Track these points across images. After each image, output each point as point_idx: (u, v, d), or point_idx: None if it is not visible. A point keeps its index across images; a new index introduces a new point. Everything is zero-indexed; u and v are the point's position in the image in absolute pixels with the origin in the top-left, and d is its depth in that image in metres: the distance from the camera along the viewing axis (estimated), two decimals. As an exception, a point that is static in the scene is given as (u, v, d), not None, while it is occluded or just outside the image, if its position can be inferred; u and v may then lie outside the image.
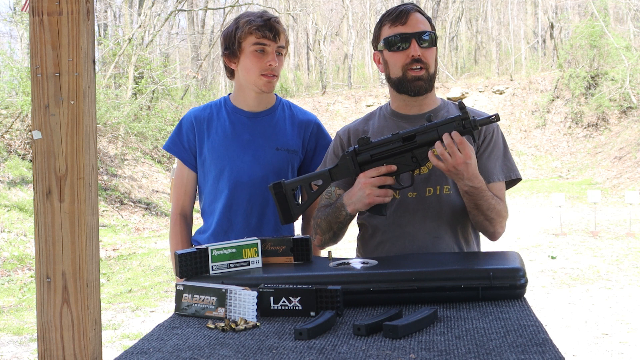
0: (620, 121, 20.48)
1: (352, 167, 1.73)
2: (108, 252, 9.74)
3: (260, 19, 2.01)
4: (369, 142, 1.71)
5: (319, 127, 2.19)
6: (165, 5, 22.77)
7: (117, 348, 4.94)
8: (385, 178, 1.69)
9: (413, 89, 1.84)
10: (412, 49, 1.81)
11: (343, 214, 1.79)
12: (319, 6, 32.01)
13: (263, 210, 2.07)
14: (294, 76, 31.12)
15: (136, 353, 1.21)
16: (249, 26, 2.00)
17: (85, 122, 1.42)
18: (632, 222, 10.16)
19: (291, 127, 2.14)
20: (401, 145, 1.68)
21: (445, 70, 27.09)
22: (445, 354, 1.11)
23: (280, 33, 2.02)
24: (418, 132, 1.66)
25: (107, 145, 16.38)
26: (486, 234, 1.89)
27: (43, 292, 1.41)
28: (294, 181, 1.79)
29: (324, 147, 2.16)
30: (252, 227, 2.06)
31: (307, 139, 2.15)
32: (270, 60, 2.01)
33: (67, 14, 1.41)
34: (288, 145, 2.10)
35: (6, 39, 23.57)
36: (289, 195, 1.78)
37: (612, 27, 22.40)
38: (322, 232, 1.88)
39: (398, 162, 1.69)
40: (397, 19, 1.83)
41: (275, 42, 2.01)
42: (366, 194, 1.69)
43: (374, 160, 1.70)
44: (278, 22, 2.04)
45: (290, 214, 1.78)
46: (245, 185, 2.06)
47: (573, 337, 4.89)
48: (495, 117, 1.62)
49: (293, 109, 2.20)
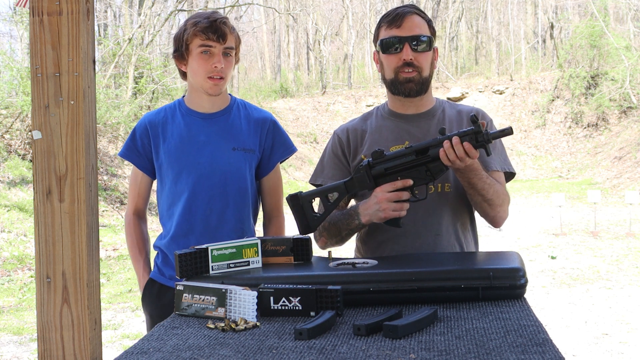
0: (620, 121, 20.49)
1: (368, 180, 1.74)
2: (108, 252, 9.74)
3: (207, 20, 1.99)
4: (382, 155, 1.72)
5: (274, 124, 2.18)
6: (165, 5, 22.78)
7: (117, 348, 4.94)
8: (401, 193, 1.70)
9: (404, 91, 1.86)
10: (404, 52, 1.82)
11: (356, 222, 1.80)
12: (319, 6, 32.00)
13: (222, 211, 2.06)
14: (294, 76, 31.11)
15: (136, 353, 1.21)
16: (194, 28, 1.99)
17: (85, 122, 1.42)
18: (632, 222, 10.16)
19: (247, 126, 2.13)
20: (415, 159, 1.69)
21: (445, 70, 27.10)
22: (445, 354, 1.11)
23: (226, 34, 2.00)
24: (431, 146, 1.67)
25: (107, 145, 16.37)
26: (487, 218, 1.88)
27: (43, 292, 1.41)
28: (311, 193, 1.80)
29: (281, 144, 2.16)
30: (212, 229, 2.05)
31: (264, 137, 2.14)
32: (215, 62, 1.99)
33: (67, 14, 1.41)
34: (245, 144, 2.09)
35: (6, 39, 23.56)
36: (306, 206, 1.78)
37: (612, 27, 22.40)
38: (328, 235, 1.89)
39: (412, 175, 1.70)
40: (392, 22, 1.85)
41: (220, 43, 1.99)
42: (382, 208, 1.70)
43: (389, 173, 1.71)
44: (225, 22, 2.01)
45: (309, 225, 1.79)
46: (204, 187, 2.05)
47: (573, 337, 4.89)
48: (509, 130, 1.63)
49: (248, 108, 2.19)
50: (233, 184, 2.06)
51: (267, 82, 30.29)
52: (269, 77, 32.10)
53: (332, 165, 1.95)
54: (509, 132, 1.63)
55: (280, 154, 2.17)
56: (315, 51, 32.87)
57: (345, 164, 1.93)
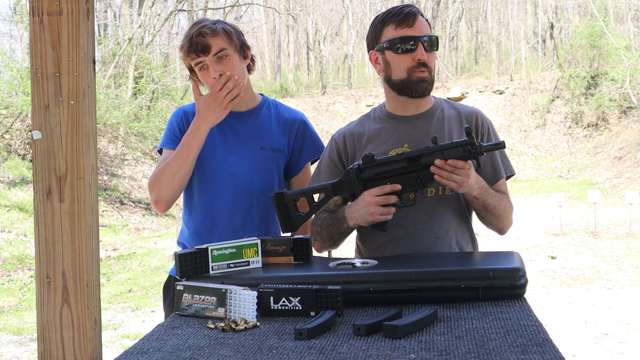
0: (620, 121, 20.48)
1: (356, 183, 1.74)
2: (108, 252, 9.75)
3: (187, 40, 1.98)
4: (373, 160, 1.71)
5: (305, 124, 2.18)
6: (165, 5, 22.77)
7: (117, 348, 4.94)
8: (388, 197, 1.70)
9: (417, 91, 1.84)
10: (418, 52, 1.81)
11: (344, 226, 1.81)
12: (319, 6, 32.00)
13: (247, 210, 2.06)
14: (294, 76, 31.12)
15: (136, 353, 1.21)
16: (181, 52, 2.00)
17: (85, 122, 1.42)
18: (632, 222, 10.16)
19: (277, 126, 2.13)
20: (406, 166, 1.69)
21: (445, 70, 27.10)
22: (445, 354, 1.11)
23: (208, 44, 1.96)
24: (424, 154, 1.67)
25: (107, 145, 16.38)
26: (495, 229, 1.92)
27: (43, 292, 1.41)
28: (296, 192, 1.80)
29: (311, 145, 2.16)
30: (236, 227, 2.05)
31: (294, 138, 2.14)
32: (212, 74, 1.98)
33: (67, 14, 1.41)
34: (272, 144, 2.09)
35: (6, 39, 23.58)
36: (290, 205, 1.79)
37: (612, 27, 22.40)
38: (322, 240, 1.90)
39: (402, 181, 1.70)
40: (403, 21, 1.82)
41: (206, 55, 1.97)
42: (369, 212, 1.70)
43: (378, 178, 1.71)
44: (202, 33, 1.96)
45: (292, 223, 1.80)
46: (229, 185, 2.05)
47: (573, 337, 4.89)
48: (502, 144, 1.66)
49: (279, 108, 2.19)
50: (259, 183, 2.06)
51: (267, 82, 30.30)
52: (269, 77, 32.12)
53: (328, 171, 1.94)
54: (501, 146, 1.65)
55: (310, 154, 2.16)
56: (315, 51, 32.87)
57: (341, 170, 1.92)
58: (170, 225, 12.83)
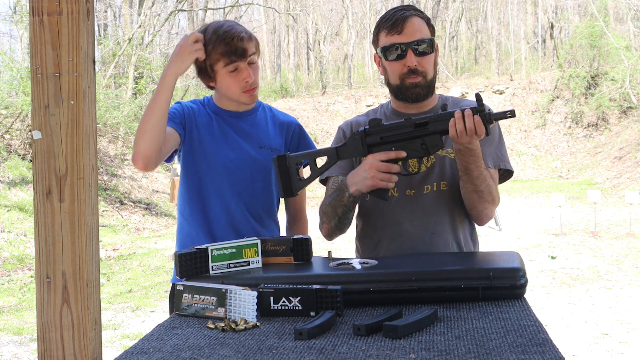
0: (620, 121, 20.49)
1: (360, 147, 1.72)
2: (108, 252, 9.75)
3: (222, 42, 1.96)
4: (380, 125, 1.70)
5: (300, 128, 2.21)
6: (165, 5, 22.78)
7: (117, 348, 4.94)
8: (392, 165, 1.68)
9: (411, 96, 1.86)
10: (408, 59, 1.81)
11: (346, 195, 1.79)
12: (319, 6, 32.00)
13: (247, 207, 2.07)
14: (294, 76, 31.12)
15: (136, 353, 1.21)
16: (215, 52, 1.97)
17: (85, 122, 1.42)
18: (632, 222, 10.16)
19: (273, 127, 2.15)
20: (412, 131, 1.67)
21: (445, 70, 27.10)
22: (445, 354, 1.11)
23: (246, 49, 1.98)
24: (431, 120, 1.65)
25: (107, 145, 16.38)
26: (474, 212, 1.86)
27: (43, 292, 1.41)
28: (299, 155, 1.78)
29: (306, 148, 2.16)
30: (236, 223, 2.06)
31: (290, 140, 2.16)
32: (245, 78, 1.99)
33: (67, 14, 1.41)
34: (271, 144, 2.11)
35: (6, 39, 23.58)
36: (292, 169, 1.76)
37: (612, 27, 22.40)
38: (328, 219, 1.88)
39: (407, 147, 1.68)
40: (393, 28, 1.82)
41: (244, 59, 1.98)
42: (370, 175, 1.69)
43: (383, 143, 1.69)
44: (241, 38, 1.98)
45: (291, 188, 1.77)
46: (230, 182, 2.05)
47: (573, 337, 4.89)
48: (511, 114, 1.59)
49: (274, 111, 2.21)
50: (259, 180, 2.08)
51: (267, 82, 30.29)
52: (269, 77, 32.10)
53: None
54: (511, 114, 1.59)
55: None
56: (315, 51, 32.87)
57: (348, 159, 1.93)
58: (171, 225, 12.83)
